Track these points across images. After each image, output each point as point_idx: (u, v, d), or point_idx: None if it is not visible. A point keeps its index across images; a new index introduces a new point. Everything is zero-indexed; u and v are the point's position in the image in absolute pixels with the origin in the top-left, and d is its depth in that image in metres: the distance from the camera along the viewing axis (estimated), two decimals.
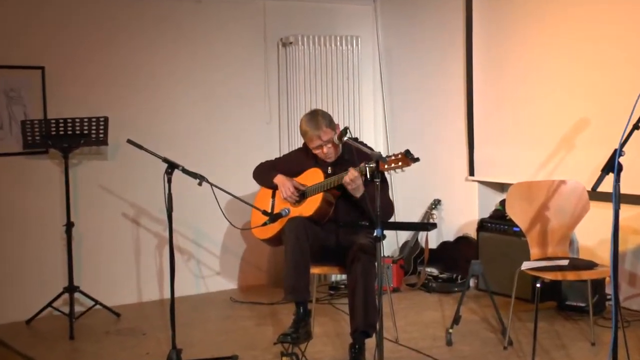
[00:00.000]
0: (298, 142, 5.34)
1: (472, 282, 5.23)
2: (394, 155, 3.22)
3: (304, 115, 3.96)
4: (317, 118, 3.85)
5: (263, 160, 4.34)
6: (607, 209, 2.98)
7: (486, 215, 5.22)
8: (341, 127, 3.78)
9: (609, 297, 4.45)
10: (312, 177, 3.97)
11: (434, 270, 5.55)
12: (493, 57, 5.09)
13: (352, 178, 3.61)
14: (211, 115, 5.41)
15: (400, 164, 3.20)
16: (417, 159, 3.20)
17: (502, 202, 5.10)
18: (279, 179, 4.07)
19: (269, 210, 4.07)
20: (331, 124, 3.88)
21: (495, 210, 5.18)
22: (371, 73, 5.93)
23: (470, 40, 5.20)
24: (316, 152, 3.92)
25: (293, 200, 4.01)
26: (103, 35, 5.00)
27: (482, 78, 5.17)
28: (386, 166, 3.21)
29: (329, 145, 3.85)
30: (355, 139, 3.81)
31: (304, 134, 3.89)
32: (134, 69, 5.11)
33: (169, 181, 3.67)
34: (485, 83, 5.16)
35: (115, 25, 5.03)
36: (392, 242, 5.89)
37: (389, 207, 3.86)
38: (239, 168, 5.39)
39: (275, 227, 3.95)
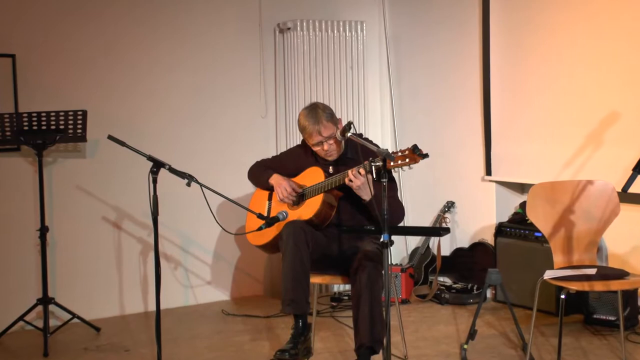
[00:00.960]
0: (297, 139, 5.33)
1: (489, 293, 5.23)
2: (400, 151, 3.21)
3: (302, 109, 3.95)
4: (317, 112, 3.84)
5: (258, 159, 4.33)
6: None
7: (505, 219, 5.21)
8: (344, 122, 3.77)
9: None
10: (312, 176, 3.96)
11: (446, 280, 5.54)
12: (513, 44, 5.07)
13: (356, 177, 3.59)
14: (201, 109, 5.40)
15: (407, 160, 3.19)
16: (426, 155, 3.19)
17: (523, 205, 5.09)
18: (275, 179, 4.06)
19: (265, 214, 4.07)
20: (332, 119, 3.87)
21: (515, 214, 5.17)
22: (377, 62, 5.91)
23: (488, 25, 5.19)
24: (316, 149, 3.91)
25: (291, 202, 3.99)
26: (80, 19, 4.98)
27: (501, 67, 5.16)
28: (392, 163, 3.20)
29: (331, 141, 3.84)
30: (360, 135, 3.81)
31: (302, 129, 3.88)
32: (116, 57, 5.09)
33: (155, 181, 3.66)
34: (504, 73, 5.15)
35: (93, 8, 5.01)
36: (400, 249, 5.88)
37: (399, 211, 3.85)
38: (232, 167, 5.38)
39: (271, 232, 3.94)
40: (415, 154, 3.17)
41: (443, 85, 5.60)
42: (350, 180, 3.64)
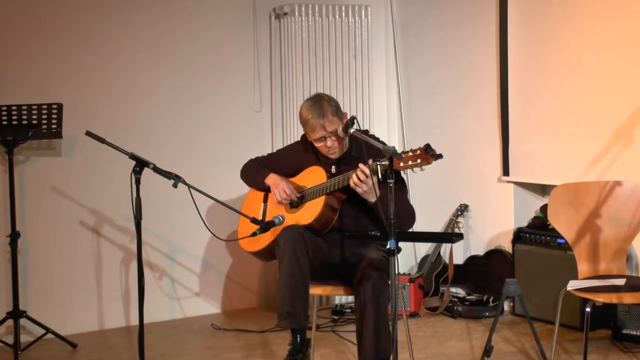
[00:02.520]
0: (295, 135, 5.33)
1: (506, 306, 5.23)
2: (411, 150, 3.21)
3: (306, 100, 3.95)
4: (322, 104, 3.84)
5: (253, 157, 4.33)
6: None
7: (524, 223, 5.21)
8: (347, 117, 3.77)
9: None
10: (313, 176, 3.96)
11: (460, 291, 5.54)
12: (533, 33, 5.07)
13: (361, 178, 3.59)
14: (189, 103, 5.40)
15: (418, 161, 3.18)
16: (440, 156, 3.18)
17: (544, 208, 5.09)
18: (272, 179, 4.07)
19: (260, 217, 4.07)
20: (338, 113, 3.87)
21: (535, 218, 5.18)
22: (383, 51, 5.91)
23: (505, 10, 5.19)
24: (318, 145, 3.91)
25: (289, 205, 3.99)
26: (53, 4, 4.97)
27: (520, 57, 5.16)
28: (402, 164, 3.20)
29: (334, 137, 3.84)
30: (365, 132, 3.80)
31: (304, 122, 3.88)
32: (94, 44, 5.09)
33: (137, 182, 3.66)
34: (523, 63, 5.15)
35: None
36: (409, 257, 5.88)
37: (408, 215, 3.85)
38: (223, 166, 5.38)
39: (267, 238, 3.94)
40: (428, 154, 3.17)
41: (456, 76, 5.60)
42: (356, 184, 3.62)
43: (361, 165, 3.60)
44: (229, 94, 5.54)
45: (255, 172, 4.19)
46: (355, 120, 3.58)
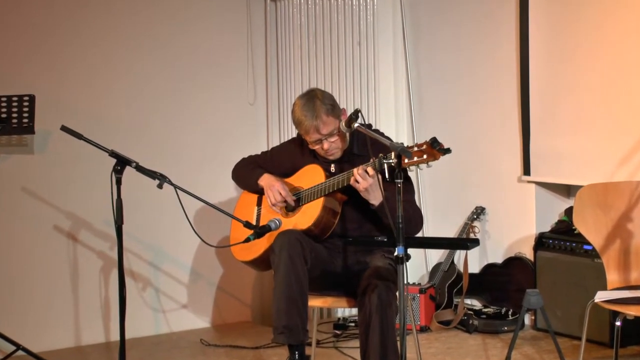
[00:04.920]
0: (293, 130, 5.33)
1: (527, 319, 5.23)
2: (416, 145, 3.21)
3: (298, 97, 3.95)
4: (315, 102, 3.83)
5: (246, 155, 4.33)
6: None
7: (547, 228, 5.22)
8: (349, 111, 3.77)
9: None
10: (310, 176, 3.97)
11: (475, 303, 5.55)
12: (558, 14, 5.07)
13: (363, 177, 3.60)
14: (174, 95, 5.41)
15: (425, 157, 3.19)
16: (448, 150, 3.19)
17: (569, 211, 5.09)
18: (266, 180, 4.07)
19: (254, 222, 4.07)
20: (334, 111, 3.87)
21: (559, 222, 5.18)
22: (391, 37, 5.90)
23: None
24: (314, 148, 3.92)
25: (285, 208, 4.00)
26: None
27: (543, 42, 5.15)
28: (406, 160, 3.20)
29: (333, 138, 3.85)
30: (369, 126, 3.81)
31: (297, 123, 3.88)
32: (72, 32, 5.10)
33: (119, 182, 3.67)
34: (547, 49, 5.14)
35: None
36: (419, 265, 5.88)
37: (416, 217, 3.85)
38: (213, 165, 5.38)
39: (261, 245, 3.94)
40: (435, 148, 3.17)
41: (472, 65, 5.59)
42: (357, 181, 3.64)
43: (362, 167, 3.62)
44: (219, 85, 5.54)
45: (247, 173, 4.19)
46: (359, 114, 3.59)
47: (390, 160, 3.36)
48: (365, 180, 3.62)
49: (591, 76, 4.92)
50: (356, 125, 3.59)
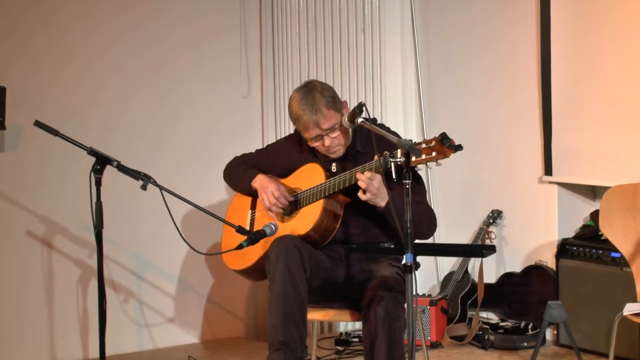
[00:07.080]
0: (291, 125, 5.33)
1: (549, 334, 5.24)
2: (424, 142, 3.21)
3: (295, 90, 3.96)
4: (314, 95, 3.84)
5: (238, 153, 4.34)
6: None
7: (570, 234, 5.22)
8: (352, 105, 3.77)
9: None
10: (308, 176, 3.97)
11: (492, 316, 5.54)
12: (583, 3, 5.06)
13: (371, 179, 3.60)
14: (161, 88, 5.42)
15: (434, 154, 3.19)
16: (459, 147, 3.19)
17: (594, 215, 5.09)
18: (260, 181, 4.08)
19: (247, 227, 4.07)
20: (335, 104, 3.87)
21: (584, 227, 5.18)
22: (398, 22, 5.90)
23: None
24: (314, 145, 3.92)
25: (281, 212, 4.01)
26: None
27: (566, 31, 5.16)
28: (414, 158, 3.20)
29: (334, 134, 3.85)
30: (374, 121, 3.80)
31: (295, 119, 3.89)
32: (43, 15, 5.10)
33: (98, 183, 3.67)
34: (570, 39, 5.15)
35: None
36: (429, 274, 5.89)
37: (429, 221, 3.86)
38: (203, 164, 5.39)
39: (256, 252, 3.95)
40: (444, 145, 3.17)
41: (487, 55, 5.60)
42: (364, 192, 3.63)
43: (365, 172, 3.62)
44: (210, 77, 5.55)
45: (240, 173, 4.20)
46: (363, 108, 3.59)
47: (397, 159, 3.35)
48: (372, 186, 3.61)
49: (618, 69, 4.92)
50: (360, 120, 3.59)
